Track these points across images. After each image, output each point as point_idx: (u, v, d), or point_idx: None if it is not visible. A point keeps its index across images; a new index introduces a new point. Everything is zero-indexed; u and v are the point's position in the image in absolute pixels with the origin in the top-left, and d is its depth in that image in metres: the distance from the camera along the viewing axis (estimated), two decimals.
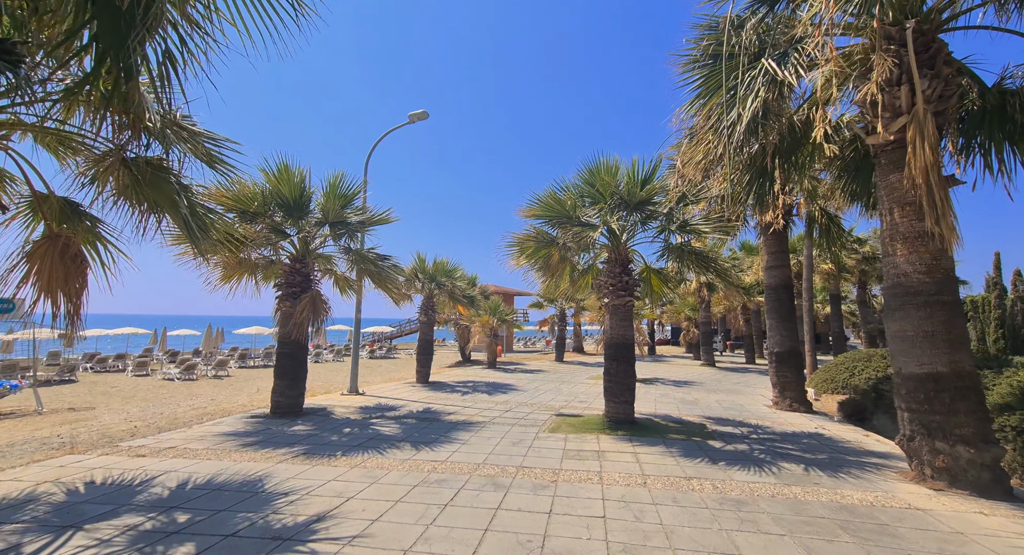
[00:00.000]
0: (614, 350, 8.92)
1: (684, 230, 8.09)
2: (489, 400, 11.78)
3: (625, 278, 9.10)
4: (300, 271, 9.49)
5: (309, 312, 8.97)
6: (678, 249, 8.99)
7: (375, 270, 9.86)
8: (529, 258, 9.43)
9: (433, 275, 15.13)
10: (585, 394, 13.26)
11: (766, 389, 15.86)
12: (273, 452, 6.50)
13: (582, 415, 9.87)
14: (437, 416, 9.47)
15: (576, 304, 26.24)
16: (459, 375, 18.05)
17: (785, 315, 11.27)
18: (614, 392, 8.77)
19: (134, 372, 20.00)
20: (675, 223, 8.17)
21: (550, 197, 8.56)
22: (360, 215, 9.45)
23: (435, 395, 12.51)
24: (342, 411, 9.84)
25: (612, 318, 9.06)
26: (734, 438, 7.85)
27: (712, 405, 11.65)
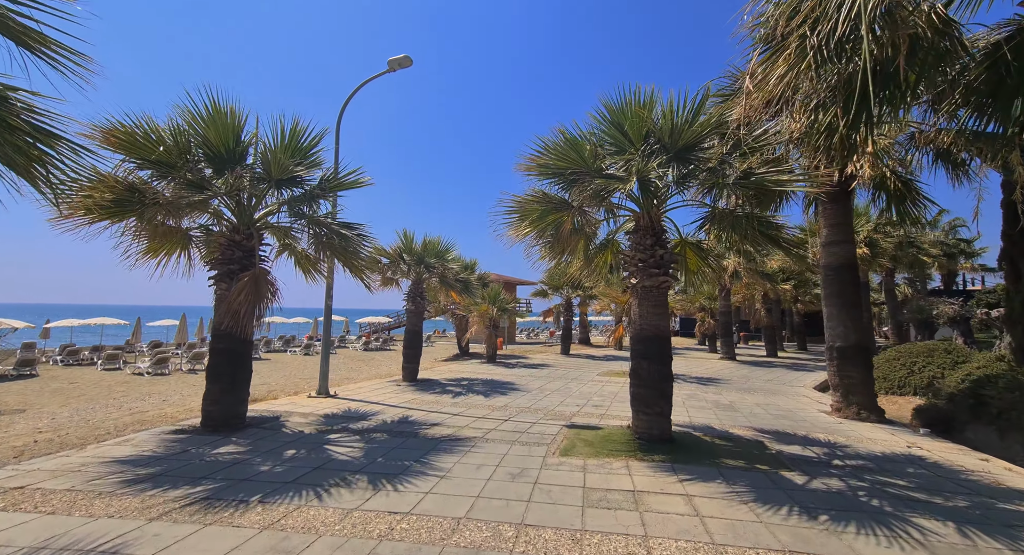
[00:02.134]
0: (645, 345, 6.83)
1: (744, 185, 5.89)
2: (485, 404, 9.75)
3: (659, 252, 6.98)
4: (241, 244, 7.41)
5: (250, 297, 6.90)
6: (728, 215, 6.82)
7: (338, 244, 7.75)
8: (534, 226, 7.30)
9: (421, 256, 13.05)
10: (599, 396, 11.22)
11: (804, 387, 13.83)
12: (161, 496, 4.47)
13: (600, 426, 7.82)
14: (416, 428, 7.45)
15: (583, 293, 24.12)
16: (453, 371, 16.04)
17: (849, 301, 9.14)
18: (645, 400, 6.70)
19: (104, 366, 18.12)
20: (730, 175, 5.98)
21: (562, 142, 6.39)
22: (309, 169, 7.29)
23: (421, 397, 10.49)
24: (298, 421, 7.82)
25: (642, 304, 6.96)
26: (813, 466, 5.78)
27: (756, 411, 9.58)
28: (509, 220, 7.56)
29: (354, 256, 8.06)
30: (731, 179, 5.89)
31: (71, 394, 11.66)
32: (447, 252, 13.69)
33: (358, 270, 8.31)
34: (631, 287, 7.18)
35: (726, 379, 15.04)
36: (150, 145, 6.06)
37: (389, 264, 13.19)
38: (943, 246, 32.09)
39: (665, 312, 6.97)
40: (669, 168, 5.94)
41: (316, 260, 8.52)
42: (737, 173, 5.88)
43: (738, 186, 5.83)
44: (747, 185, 5.81)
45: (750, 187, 5.84)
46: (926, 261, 26.90)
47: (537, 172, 6.89)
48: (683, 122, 5.74)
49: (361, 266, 8.26)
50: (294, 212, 7.63)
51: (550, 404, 9.92)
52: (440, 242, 13.63)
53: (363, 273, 8.38)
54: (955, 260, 34.16)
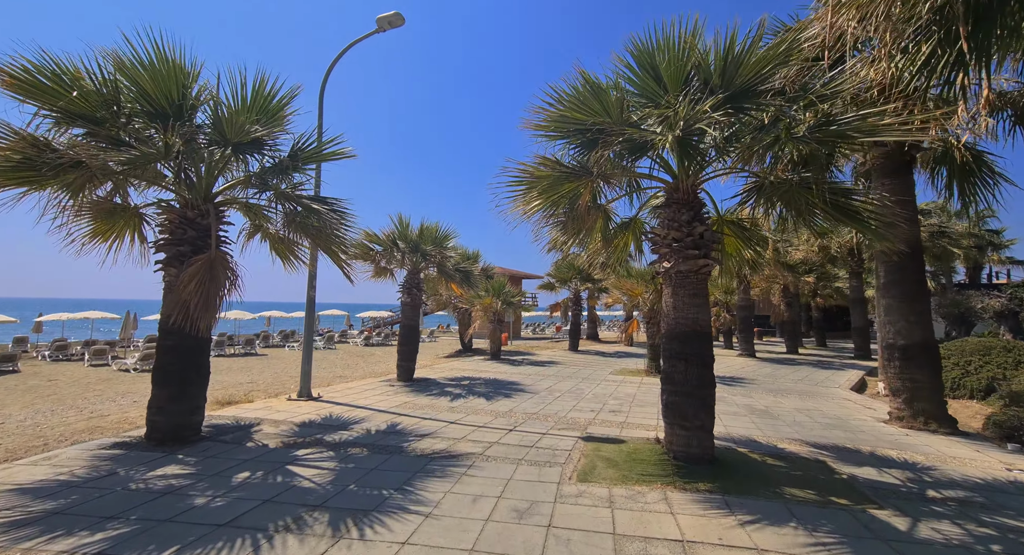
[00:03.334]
0: (681, 344, 5.57)
1: (824, 136, 4.49)
2: (487, 409, 8.55)
3: (699, 229, 5.69)
4: (194, 223, 6.21)
5: (203, 285, 5.71)
6: (783, 185, 5.48)
7: (310, 223, 6.52)
8: (544, 199, 6.02)
9: (417, 243, 11.82)
10: (615, 398, 9.98)
11: (839, 388, 12.50)
12: (37, 552, 3.29)
13: (622, 439, 6.59)
14: (404, 441, 6.25)
15: (593, 286, 22.83)
16: (454, 369, 14.86)
17: (913, 293, 7.81)
18: (682, 411, 5.44)
19: (91, 361, 17.14)
20: (799, 125, 4.64)
21: (582, 87, 5.08)
22: (272, 131, 6.02)
23: (415, 400, 9.30)
24: (268, 432, 6.65)
25: (677, 293, 5.69)
26: (904, 499, 4.51)
27: (799, 418, 8.30)
28: (514, 193, 6.29)
29: (331, 239, 6.82)
30: (802, 130, 4.55)
31: (42, 393, 10.62)
32: (446, 239, 12.45)
33: (336, 255, 7.08)
34: (662, 273, 5.92)
35: (751, 379, 13.74)
36: (60, 89, 4.84)
37: (382, 252, 11.98)
38: (973, 237, 30.46)
39: (705, 303, 5.70)
40: (720, 115, 4.56)
41: (292, 243, 7.31)
42: (809, 121, 4.53)
43: (811, 139, 4.49)
44: (826, 137, 4.45)
45: (828, 140, 4.49)
46: (956, 253, 25.34)
47: (551, 128, 5.58)
48: (742, 51, 4.40)
49: (339, 250, 7.02)
50: (257, 184, 6.40)
51: (561, 409, 8.70)
52: (439, 228, 12.40)
53: (341, 258, 7.14)
54: (983, 252, 32.45)
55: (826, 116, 4.43)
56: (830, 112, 4.45)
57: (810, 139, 4.47)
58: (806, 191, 5.32)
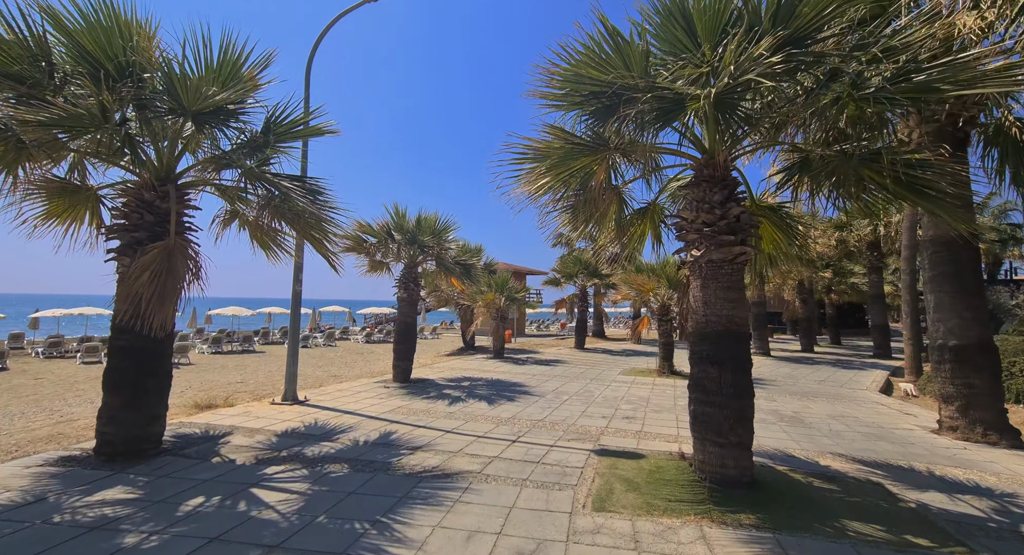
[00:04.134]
0: (713, 345, 4.74)
1: (904, 92, 3.56)
2: (488, 415, 7.76)
3: (734, 211, 4.85)
4: (152, 206, 5.43)
5: (158, 276, 4.94)
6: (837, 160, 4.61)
7: (285, 205, 5.73)
8: (553, 176, 5.20)
9: (414, 234, 11.01)
10: (628, 402, 9.16)
11: (867, 390, 11.63)
12: None
13: (641, 452, 5.78)
14: (392, 455, 5.47)
15: (600, 281, 21.97)
16: (455, 368, 14.09)
17: (968, 287, 6.93)
18: (715, 424, 4.61)
19: (84, 358, 16.53)
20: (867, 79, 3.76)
21: (599, 39, 4.23)
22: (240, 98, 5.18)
23: (409, 404, 8.52)
24: (239, 443, 5.88)
25: (707, 286, 4.86)
26: (997, 539, 3.67)
27: (835, 427, 7.45)
28: (518, 172, 5.47)
29: (310, 224, 6.03)
30: (875, 83, 3.67)
31: (22, 393, 9.97)
32: (446, 231, 11.63)
33: (318, 242, 6.29)
34: (690, 263, 5.08)
35: (770, 380, 12.88)
36: None
37: (377, 244, 11.18)
38: (995, 231, 29.33)
39: (741, 298, 4.87)
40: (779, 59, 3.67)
41: (273, 231, 6.53)
42: (885, 72, 3.64)
43: (887, 96, 3.60)
44: (907, 92, 3.56)
45: (911, 96, 3.60)
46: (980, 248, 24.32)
47: (561, 95, 4.74)
48: None
49: (321, 237, 6.23)
50: (223, 161, 5.60)
51: (569, 415, 7.90)
52: (438, 219, 11.58)
53: (325, 246, 6.35)
54: (1005, 246, 31.28)
55: (902, 68, 3.55)
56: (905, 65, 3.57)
57: (887, 96, 3.59)
58: (865, 165, 4.46)
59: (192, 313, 28.61)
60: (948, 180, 4.23)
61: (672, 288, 13.82)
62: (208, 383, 11.45)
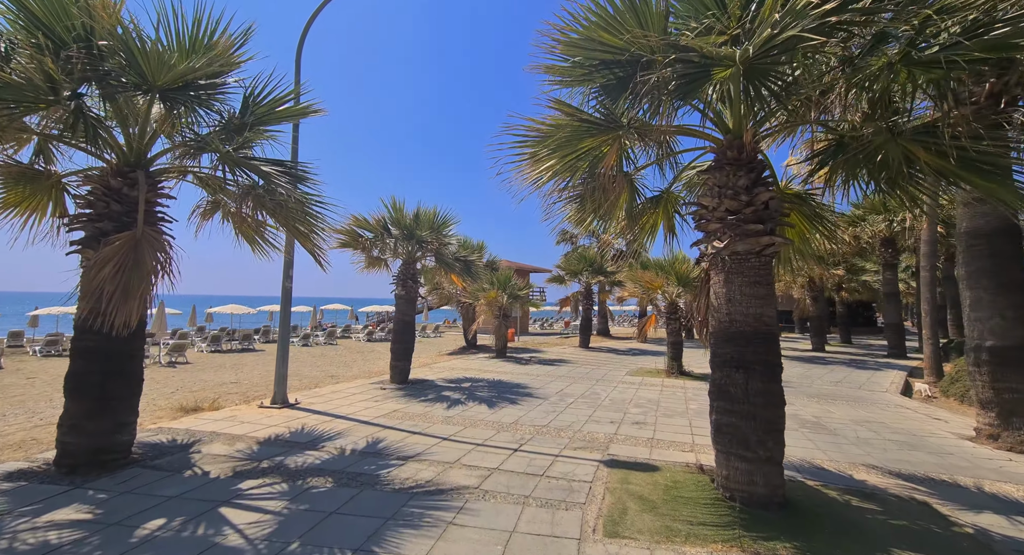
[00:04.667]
0: (739, 348, 4.23)
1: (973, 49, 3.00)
2: (488, 420, 7.27)
3: (762, 197, 4.33)
4: (120, 193, 4.95)
5: (123, 270, 4.46)
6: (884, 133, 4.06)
7: (266, 194, 5.24)
8: (559, 159, 4.69)
9: (412, 229, 10.52)
10: (637, 405, 8.65)
11: (887, 392, 11.07)
12: None
13: (654, 464, 5.27)
14: (382, 467, 4.99)
15: (605, 279, 21.43)
16: (455, 368, 13.61)
17: (1009, 283, 6.37)
18: (742, 437, 4.10)
19: None
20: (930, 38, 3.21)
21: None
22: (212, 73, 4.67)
23: (405, 408, 8.05)
24: (217, 453, 5.41)
25: (731, 281, 4.34)
26: None
27: (861, 434, 6.92)
28: (520, 157, 4.96)
29: (292, 215, 5.53)
30: (942, 39, 3.13)
31: (10, 393, 9.56)
32: (445, 225, 11.13)
33: (301, 235, 5.80)
34: (710, 257, 4.56)
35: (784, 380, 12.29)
36: None
37: (373, 239, 10.69)
38: None
39: (770, 294, 4.35)
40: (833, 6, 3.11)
41: (257, 223, 6.04)
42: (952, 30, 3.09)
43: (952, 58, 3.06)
44: (980, 51, 3.01)
45: (983, 57, 3.04)
46: None
47: (568, 68, 4.24)
48: None
49: (306, 230, 5.74)
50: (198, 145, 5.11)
51: (575, 420, 7.39)
52: (437, 214, 11.08)
53: (308, 239, 5.86)
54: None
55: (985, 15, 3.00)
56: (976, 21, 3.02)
57: (956, 54, 3.04)
58: (917, 142, 3.92)
59: (192, 311, 28.29)
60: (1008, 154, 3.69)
61: (681, 285, 13.28)
62: (202, 383, 11.02)
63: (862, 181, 4.87)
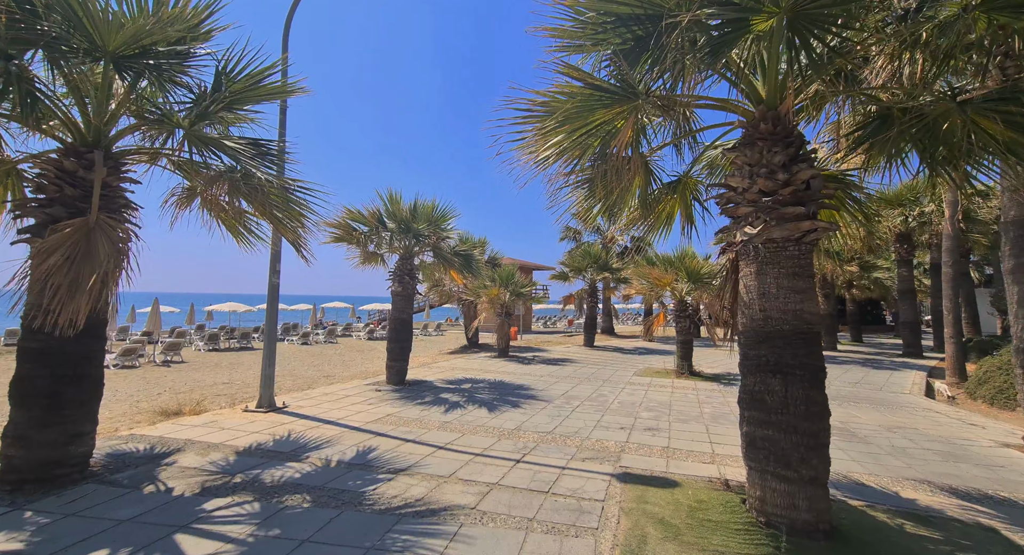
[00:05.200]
0: (775, 349, 3.65)
1: None
2: (488, 425, 6.73)
3: (803, 174, 3.75)
4: (75, 176, 4.43)
5: (72, 262, 3.94)
6: (948, 101, 3.51)
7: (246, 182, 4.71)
8: (567, 135, 4.12)
9: (408, 222, 9.98)
10: (648, 409, 8.08)
11: (911, 394, 10.46)
12: None
13: (674, 478, 4.71)
14: (368, 483, 4.45)
15: (611, 276, 20.83)
16: (455, 368, 13.08)
17: None
18: (781, 453, 3.53)
19: None
20: None
21: None
22: (164, 33, 4.11)
23: (400, 412, 7.51)
24: (186, 465, 4.89)
25: (765, 273, 3.77)
26: None
27: (898, 442, 6.32)
28: (523, 135, 4.41)
29: (271, 202, 4.99)
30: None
31: None
32: (444, 219, 10.58)
33: (281, 224, 5.26)
34: (739, 245, 3.98)
35: None
36: None
37: (368, 233, 10.15)
38: None
39: (810, 288, 3.77)
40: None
41: (236, 211, 5.49)
42: None
43: None
44: None
45: None
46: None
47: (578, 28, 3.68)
48: None
49: (285, 217, 5.20)
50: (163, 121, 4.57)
51: (582, 425, 6.84)
52: (435, 206, 10.53)
53: (288, 229, 5.31)
54: None
55: None
56: None
57: None
58: (989, 111, 3.34)
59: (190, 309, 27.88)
60: None
61: (691, 281, 12.69)
62: (193, 383, 10.53)
63: (908, 160, 4.31)
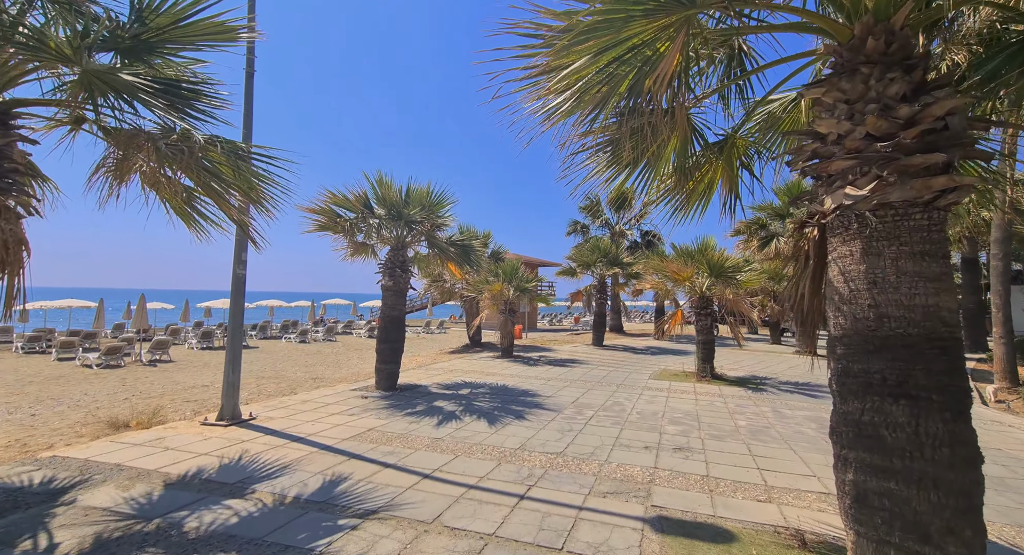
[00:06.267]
0: (896, 362, 2.49)
1: None
2: (487, 443, 5.61)
3: (936, 108, 2.58)
4: None
5: None
6: None
7: (164, 140, 3.62)
8: (594, 56, 2.97)
9: (399, 208, 8.84)
10: (673, 422, 6.93)
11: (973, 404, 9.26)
12: None
13: (725, 527, 3.57)
14: (322, 537, 3.35)
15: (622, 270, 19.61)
16: (455, 369, 11.98)
17: None
18: (912, 517, 2.38)
19: (60, 354, 14.92)
20: None
21: None
22: None
23: (385, 426, 6.42)
24: (100, 502, 3.81)
25: (877, 251, 2.61)
26: None
27: (996, 471, 5.13)
28: (528, 69, 3.27)
29: (208, 169, 3.89)
30: None
31: None
32: (439, 205, 9.44)
33: (218, 196, 4.15)
34: (835, 214, 2.83)
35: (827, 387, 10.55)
36: None
37: (355, 220, 9.04)
38: None
39: (947, 274, 2.61)
40: None
41: (177, 186, 4.38)
42: None
43: None
44: None
45: None
46: None
47: None
48: None
49: (224, 190, 4.09)
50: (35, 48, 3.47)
51: (599, 443, 5.71)
52: (430, 191, 9.39)
53: (228, 203, 4.21)
54: None
55: None
56: None
57: None
58: None
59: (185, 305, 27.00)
60: None
61: (713, 276, 11.51)
62: (169, 387, 9.53)
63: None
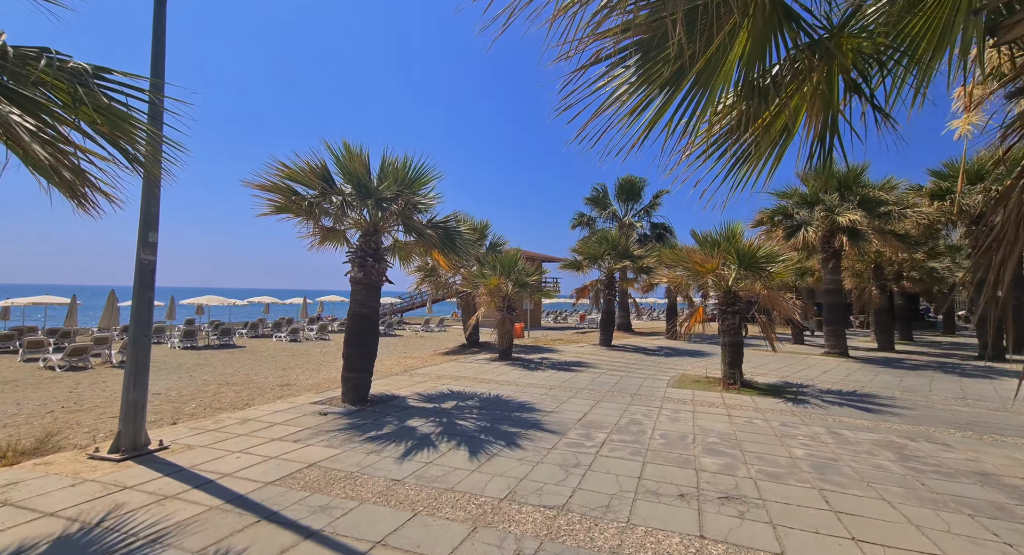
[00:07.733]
0: None
1: None
2: (463, 492, 4.10)
3: None
4: None
5: None
6: None
7: None
8: None
9: (365, 183, 7.28)
10: (709, 449, 5.38)
11: None
12: None
13: None
14: None
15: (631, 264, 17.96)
16: (443, 376, 10.46)
17: None
18: None
19: (26, 355, 13.65)
20: None
21: None
22: None
23: (333, 460, 4.91)
24: None
25: None
26: None
27: None
28: None
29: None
30: None
31: None
32: (419, 181, 7.88)
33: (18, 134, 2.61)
34: None
35: (881, 396, 8.98)
36: None
37: (316, 199, 7.51)
38: None
39: None
40: None
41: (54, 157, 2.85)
42: None
43: None
44: None
45: None
46: None
47: None
48: None
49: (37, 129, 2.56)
50: None
51: (615, 490, 4.17)
52: (409, 163, 7.83)
53: (25, 141, 2.67)
54: None
55: None
56: None
57: None
58: None
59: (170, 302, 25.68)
60: None
61: (743, 267, 9.91)
62: (109, 398, 8.10)
63: None
